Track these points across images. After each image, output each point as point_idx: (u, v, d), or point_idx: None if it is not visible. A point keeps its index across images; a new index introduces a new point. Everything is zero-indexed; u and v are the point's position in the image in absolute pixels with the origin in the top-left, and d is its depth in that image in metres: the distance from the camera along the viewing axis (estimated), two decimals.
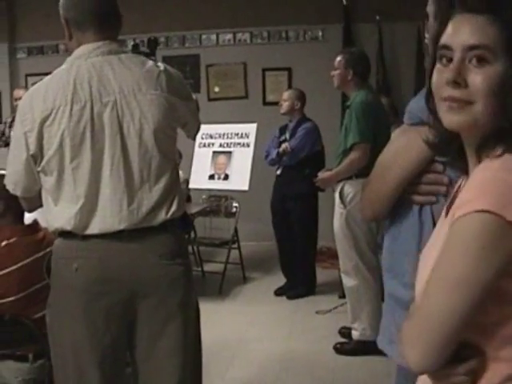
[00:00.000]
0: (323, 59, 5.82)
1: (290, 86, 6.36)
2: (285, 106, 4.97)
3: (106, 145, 1.86)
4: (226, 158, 5.61)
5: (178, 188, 2.01)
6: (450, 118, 0.99)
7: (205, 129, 5.26)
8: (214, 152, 5.68)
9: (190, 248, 5.48)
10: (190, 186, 5.61)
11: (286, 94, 5.03)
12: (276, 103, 5.43)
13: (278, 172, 5.02)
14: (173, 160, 2.01)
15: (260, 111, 6.62)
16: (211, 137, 5.76)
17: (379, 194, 1.38)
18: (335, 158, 3.84)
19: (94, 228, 1.86)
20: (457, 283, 0.89)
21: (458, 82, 0.97)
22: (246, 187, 5.34)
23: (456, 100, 0.97)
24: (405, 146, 1.34)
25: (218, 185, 5.56)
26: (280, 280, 5.12)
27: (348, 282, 3.81)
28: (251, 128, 5.56)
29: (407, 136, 1.34)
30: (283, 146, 4.86)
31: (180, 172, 2.09)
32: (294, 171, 4.85)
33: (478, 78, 0.96)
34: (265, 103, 6.77)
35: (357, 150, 3.65)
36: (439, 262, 0.92)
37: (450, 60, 0.99)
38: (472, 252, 0.88)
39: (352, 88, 3.83)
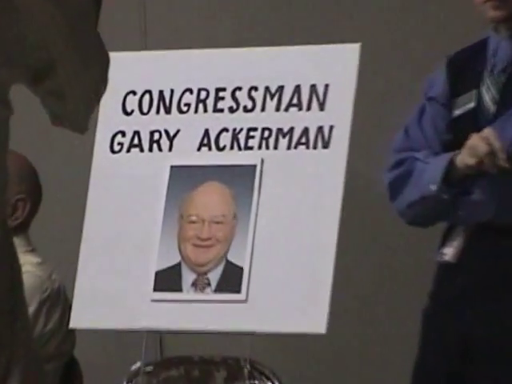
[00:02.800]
0: None
1: None
2: None
3: None
4: (227, 193, 3.53)
5: (19, 344, 1.51)
6: None
7: (141, 77, 3.88)
8: (174, 168, 3.67)
9: None
10: (72, 324, 3.59)
11: None
12: None
13: (448, 253, 3.38)
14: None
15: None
16: (167, 108, 3.76)
17: None
18: None
19: None
20: None
21: None
22: (322, 327, 3.19)
23: None
24: None
25: (199, 323, 3.47)
26: None
27: None
28: (341, 66, 3.52)
29: None
30: (476, 139, 3.29)
31: (31, 269, 2.14)
32: None
33: None
34: None
35: None
36: None
37: None
38: None
39: None
